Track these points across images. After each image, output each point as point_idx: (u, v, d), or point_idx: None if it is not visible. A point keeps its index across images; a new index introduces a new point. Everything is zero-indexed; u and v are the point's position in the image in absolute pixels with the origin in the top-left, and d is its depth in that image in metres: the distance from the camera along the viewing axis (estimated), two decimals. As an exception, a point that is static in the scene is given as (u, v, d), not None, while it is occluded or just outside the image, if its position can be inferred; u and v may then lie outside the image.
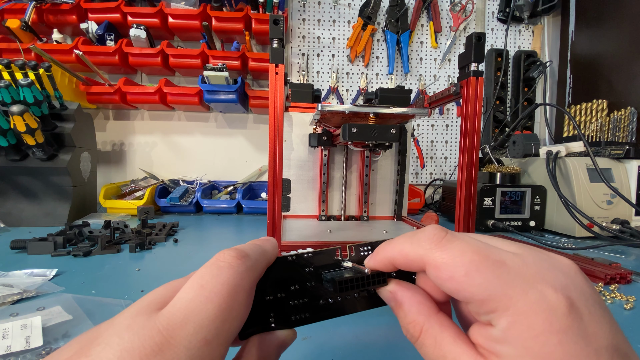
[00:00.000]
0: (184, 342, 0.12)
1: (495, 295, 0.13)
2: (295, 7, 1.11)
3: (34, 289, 0.40)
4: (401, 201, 0.64)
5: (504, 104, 1.15)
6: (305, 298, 0.19)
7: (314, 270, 0.20)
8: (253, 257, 0.17)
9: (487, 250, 0.14)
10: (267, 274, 0.19)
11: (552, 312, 0.12)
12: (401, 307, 0.17)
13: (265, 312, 0.18)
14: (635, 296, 0.42)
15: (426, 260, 0.15)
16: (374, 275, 0.19)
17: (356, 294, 0.20)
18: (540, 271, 0.13)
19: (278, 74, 0.41)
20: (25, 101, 0.70)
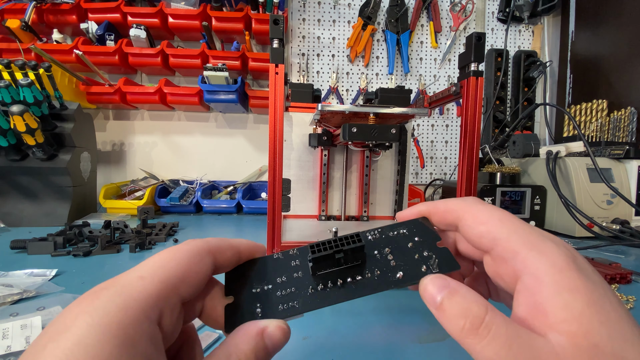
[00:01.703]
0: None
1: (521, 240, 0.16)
2: (295, 7, 1.11)
3: (34, 289, 0.40)
4: (401, 201, 0.64)
5: (504, 104, 1.15)
6: (292, 288, 0.19)
7: (301, 262, 0.20)
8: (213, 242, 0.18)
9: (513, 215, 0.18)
10: (254, 269, 0.20)
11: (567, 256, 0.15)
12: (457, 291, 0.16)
13: (251, 303, 0.19)
14: (635, 296, 0.42)
15: (468, 210, 0.18)
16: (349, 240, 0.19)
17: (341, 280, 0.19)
18: (551, 235, 0.17)
19: (278, 74, 0.41)
20: (25, 101, 0.70)
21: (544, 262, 0.15)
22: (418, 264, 0.19)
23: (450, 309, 0.15)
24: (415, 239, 0.20)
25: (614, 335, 0.13)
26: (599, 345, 0.13)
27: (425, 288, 0.17)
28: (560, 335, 0.13)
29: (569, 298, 0.14)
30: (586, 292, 0.14)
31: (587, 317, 0.13)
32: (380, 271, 0.19)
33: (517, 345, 0.13)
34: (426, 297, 0.17)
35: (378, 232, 0.21)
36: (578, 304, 0.13)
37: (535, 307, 0.14)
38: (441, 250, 0.19)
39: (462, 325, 0.15)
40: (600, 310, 0.13)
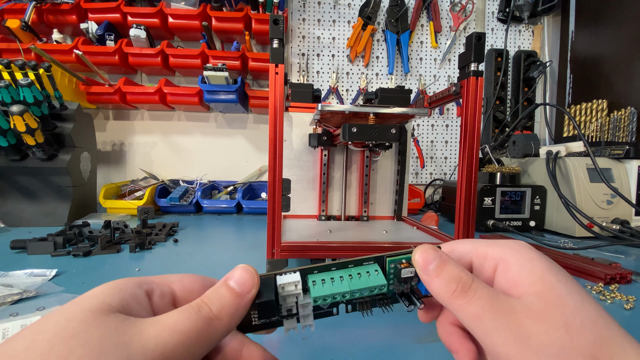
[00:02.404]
0: None
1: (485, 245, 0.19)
2: (295, 7, 1.11)
3: (34, 289, 0.40)
4: (401, 201, 0.64)
5: (504, 104, 1.15)
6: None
7: None
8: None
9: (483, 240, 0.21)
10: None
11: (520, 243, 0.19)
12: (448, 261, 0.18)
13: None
14: (635, 296, 0.42)
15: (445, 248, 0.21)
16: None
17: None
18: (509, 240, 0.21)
19: (278, 74, 0.41)
20: (25, 101, 0.70)
21: (505, 250, 0.19)
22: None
23: (443, 275, 0.18)
24: None
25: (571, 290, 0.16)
26: (562, 297, 0.16)
27: (419, 254, 0.19)
28: (530, 295, 0.16)
29: (529, 267, 0.17)
30: (541, 261, 0.17)
31: (548, 278, 0.17)
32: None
33: (498, 303, 0.16)
34: (419, 265, 0.19)
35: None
36: (538, 269, 0.17)
37: (510, 282, 0.17)
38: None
39: (454, 288, 0.17)
40: (555, 272, 0.17)
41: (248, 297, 0.18)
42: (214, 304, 0.17)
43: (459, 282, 0.17)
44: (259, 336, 0.21)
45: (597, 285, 0.44)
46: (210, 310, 0.17)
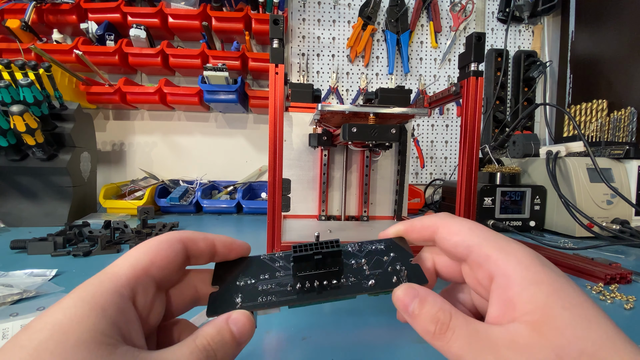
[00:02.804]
0: None
1: (491, 245, 0.18)
2: (295, 7, 1.11)
3: (34, 289, 0.40)
4: (401, 201, 0.64)
5: (504, 104, 1.15)
6: (273, 284, 0.21)
7: (284, 264, 0.22)
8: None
9: (482, 225, 0.20)
10: (241, 266, 0.22)
11: (531, 254, 0.17)
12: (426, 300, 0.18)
13: (233, 293, 0.20)
14: (635, 296, 0.42)
15: (441, 224, 0.20)
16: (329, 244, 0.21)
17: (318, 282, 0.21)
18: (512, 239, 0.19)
19: (278, 74, 0.41)
20: (25, 101, 0.70)
21: (512, 261, 0.17)
22: (390, 275, 0.21)
23: (421, 316, 0.17)
24: (390, 254, 0.22)
25: (576, 319, 0.15)
26: (560, 328, 0.14)
27: (397, 297, 0.19)
28: (521, 324, 0.15)
29: (534, 290, 0.16)
30: (549, 283, 0.16)
31: (551, 306, 0.15)
32: (355, 278, 0.21)
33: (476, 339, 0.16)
34: (399, 305, 0.19)
35: (358, 245, 0.23)
36: (542, 294, 0.15)
37: (507, 303, 0.16)
38: (413, 266, 0.22)
39: (432, 330, 0.17)
40: (563, 297, 0.15)
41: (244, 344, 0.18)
42: (219, 349, 0.17)
43: (437, 323, 0.17)
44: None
45: (597, 285, 0.44)
46: (215, 357, 0.17)
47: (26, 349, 0.13)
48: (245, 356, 0.28)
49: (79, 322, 0.14)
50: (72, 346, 0.13)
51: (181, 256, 0.20)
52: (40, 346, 0.13)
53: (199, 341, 0.17)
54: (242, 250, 0.23)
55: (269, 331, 0.32)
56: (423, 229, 0.22)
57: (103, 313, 0.15)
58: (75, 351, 0.13)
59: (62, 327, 0.13)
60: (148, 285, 0.18)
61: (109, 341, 0.14)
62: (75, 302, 0.15)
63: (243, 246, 0.23)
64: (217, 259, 0.22)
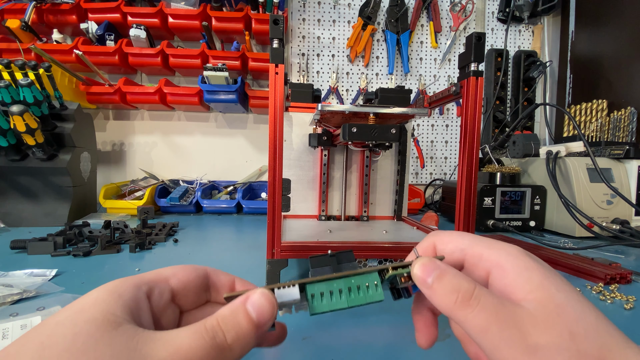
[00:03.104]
0: None
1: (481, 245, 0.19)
2: (295, 7, 1.11)
3: (34, 289, 0.40)
4: (401, 201, 0.64)
5: (504, 104, 1.15)
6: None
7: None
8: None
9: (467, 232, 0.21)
10: None
11: (517, 248, 0.18)
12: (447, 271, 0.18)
13: None
14: (635, 296, 0.42)
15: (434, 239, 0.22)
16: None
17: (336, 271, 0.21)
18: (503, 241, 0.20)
19: (278, 74, 0.41)
20: (25, 101, 0.70)
21: (502, 254, 0.18)
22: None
23: (442, 286, 0.17)
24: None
25: (570, 301, 0.16)
26: (561, 304, 0.16)
27: (417, 269, 0.18)
28: (530, 302, 0.16)
29: (527, 274, 0.17)
30: (539, 269, 0.17)
31: (546, 286, 0.16)
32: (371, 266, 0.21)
33: (503, 313, 0.16)
34: (418, 278, 0.18)
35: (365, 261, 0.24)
36: (536, 277, 0.17)
37: (506, 289, 0.17)
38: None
39: (454, 299, 0.16)
40: (553, 281, 0.17)
41: (264, 328, 0.17)
42: (229, 331, 0.16)
43: (460, 292, 0.16)
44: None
45: (597, 285, 0.44)
46: (225, 340, 0.16)
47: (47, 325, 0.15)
48: (246, 356, 0.28)
49: (95, 303, 0.15)
50: (83, 321, 0.15)
51: (202, 279, 0.21)
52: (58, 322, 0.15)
53: (208, 322, 0.16)
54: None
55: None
56: (425, 252, 0.22)
57: (118, 297, 0.16)
58: (83, 325, 0.14)
59: (82, 307, 0.15)
60: (164, 290, 0.19)
61: (115, 319, 0.15)
62: (99, 290, 0.16)
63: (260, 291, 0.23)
64: None
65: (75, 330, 0.14)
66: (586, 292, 0.44)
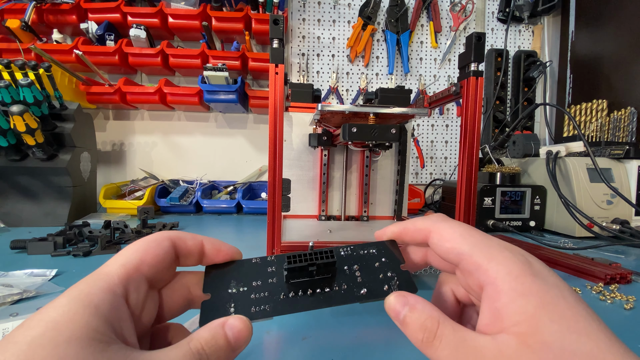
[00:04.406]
0: None
1: (482, 253, 0.18)
2: (295, 7, 1.11)
3: (34, 289, 0.40)
4: (401, 201, 0.64)
5: (504, 104, 1.15)
6: (266, 292, 0.21)
7: (277, 269, 0.22)
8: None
9: (475, 228, 0.20)
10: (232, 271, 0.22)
11: (522, 263, 0.17)
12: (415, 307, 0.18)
13: (226, 302, 0.20)
14: (635, 296, 0.42)
15: (433, 228, 0.20)
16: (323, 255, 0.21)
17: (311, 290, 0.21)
18: (509, 244, 0.19)
19: (278, 74, 0.41)
20: (25, 101, 0.70)
21: (501, 271, 0.17)
22: (381, 283, 0.21)
23: (411, 324, 0.18)
24: (382, 260, 0.23)
25: (565, 332, 0.14)
26: (547, 341, 0.14)
27: (389, 305, 0.19)
28: (509, 335, 0.15)
29: (522, 302, 0.15)
30: (539, 295, 0.16)
31: (538, 318, 0.15)
32: (347, 286, 0.21)
33: (463, 348, 0.16)
34: (390, 313, 0.19)
35: (350, 249, 0.23)
36: (530, 306, 0.15)
37: (495, 314, 0.16)
38: (403, 273, 0.22)
39: (421, 338, 0.17)
40: (552, 310, 0.15)
41: (241, 350, 0.18)
42: (212, 354, 0.17)
43: (425, 332, 0.17)
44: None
45: (597, 285, 0.44)
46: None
47: (19, 344, 0.13)
48: (246, 356, 0.28)
49: (72, 319, 0.14)
50: (65, 342, 0.13)
51: (170, 254, 0.20)
52: (33, 342, 0.13)
53: (193, 344, 0.17)
54: (232, 254, 0.22)
55: (269, 331, 0.32)
56: (416, 232, 0.22)
57: (96, 310, 0.15)
58: (67, 347, 0.13)
59: (56, 324, 0.14)
60: (140, 283, 0.18)
61: (101, 338, 0.14)
62: (68, 301, 0.15)
63: (232, 249, 0.22)
64: (206, 261, 0.22)
65: (60, 353, 0.13)
66: (586, 292, 0.44)
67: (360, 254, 0.23)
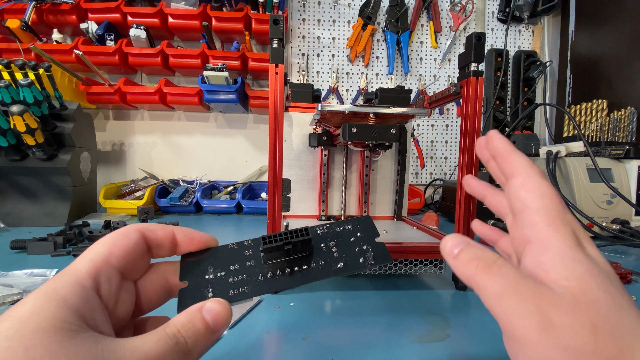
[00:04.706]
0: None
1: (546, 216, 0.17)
2: (295, 7, 1.11)
3: (34, 289, 0.40)
4: (401, 201, 0.64)
5: (504, 104, 1.15)
6: (244, 275, 0.21)
7: (254, 252, 0.22)
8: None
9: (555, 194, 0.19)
10: (209, 257, 0.21)
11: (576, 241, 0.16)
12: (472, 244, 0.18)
13: (204, 288, 0.20)
14: (635, 296, 0.42)
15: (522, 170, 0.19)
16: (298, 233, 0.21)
17: (289, 269, 0.21)
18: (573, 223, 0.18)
19: (278, 74, 0.41)
20: (25, 101, 0.70)
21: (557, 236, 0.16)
22: (357, 256, 0.22)
23: (466, 254, 0.17)
24: (357, 234, 0.23)
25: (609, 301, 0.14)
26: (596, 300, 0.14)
27: (445, 243, 0.18)
28: (561, 287, 0.15)
29: (571, 265, 0.15)
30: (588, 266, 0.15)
31: (587, 280, 0.15)
32: (324, 262, 0.22)
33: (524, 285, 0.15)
34: (445, 251, 0.18)
35: (326, 227, 0.24)
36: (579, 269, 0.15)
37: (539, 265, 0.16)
38: (378, 244, 0.22)
39: (475, 265, 0.16)
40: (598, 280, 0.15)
41: (220, 332, 0.18)
42: (190, 337, 0.17)
43: (482, 259, 0.16)
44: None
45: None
46: (186, 345, 0.17)
47: None
48: (246, 356, 0.28)
49: (38, 312, 0.14)
50: (31, 332, 0.13)
51: (140, 245, 0.20)
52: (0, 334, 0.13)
53: (169, 329, 0.17)
54: (205, 241, 0.22)
55: (269, 331, 0.32)
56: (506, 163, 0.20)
57: (64, 303, 0.15)
58: (32, 337, 0.13)
59: (22, 317, 0.14)
60: (110, 274, 0.18)
61: (70, 327, 0.14)
62: (36, 296, 0.15)
63: (206, 237, 0.22)
64: (180, 251, 0.22)
65: (25, 343, 0.13)
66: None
67: (336, 231, 0.23)
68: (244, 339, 0.31)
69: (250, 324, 0.33)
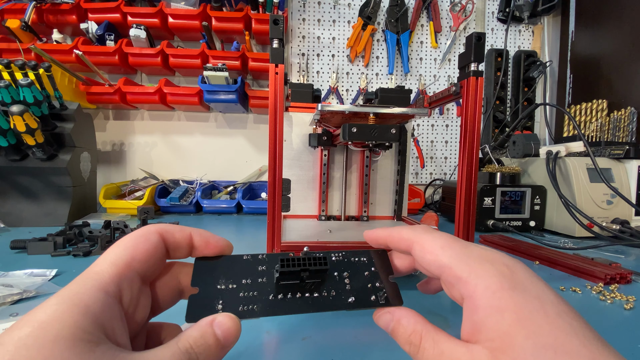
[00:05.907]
0: None
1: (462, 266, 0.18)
2: (295, 7, 1.11)
3: (34, 289, 0.40)
4: (401, 201, 0.64)
5: (504, 104, 1.15)
6: (255, 292, 0.21)
7: (267, 269, 0.22)
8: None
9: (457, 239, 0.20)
10: (222, 265, 0.21)
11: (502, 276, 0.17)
12: (400, 322, 0.20)
13: (214, 298, 0.20)
14: (635, 296, 0.42)
15: (415, 239, 0.21)
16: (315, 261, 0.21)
17: (300, 293, 0.21)
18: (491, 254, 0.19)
19: (278, 74, 0.41)
20: (25, 101, 0.70)
21: (480, 285, 0.17)
22: (369, 293, 0.22)
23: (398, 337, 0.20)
24: (372, 269, 0.23)
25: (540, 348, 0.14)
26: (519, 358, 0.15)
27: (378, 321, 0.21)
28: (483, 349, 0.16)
29: (497, 318, 0.16)
30: (515, 311, 0.16)
31: (512, 335, 0.15)
32: (336, 292, 0.22)
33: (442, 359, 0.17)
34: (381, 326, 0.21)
35: (342, 255, 0.24)
36: (505, 323, 0.16)
37: (474, 326, 0.17)
38: (391, 284, 0.23)
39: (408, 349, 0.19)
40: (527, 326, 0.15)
41: (230, 347, 0.18)
42: (201, 353, 0.17)
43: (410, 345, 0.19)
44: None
45: (597, 285, 0.44)
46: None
47: (5, 345, 0.13)
48: (246, 356, 0.28)
49: (60, 319, 0.14)
50: (51, 341, 0.13)
51: (160, 248, 0.19)
52: (19, 342, 0.13)
53: (181, 344, 0.17)
54: (221, 246, 0.22)
55: (269, 331, 0.32)
56: (400, 241, 0.22)
57: (86, 310, 0.14)
58: (52, 347, 0.13)
59: (42, 324, 0.13)
60: (133, 280, 0.18)
61: (90, 338, 0.14)
62: (57, 301, 0.14)
63: (221, 242, 0.22)
64: (195, 253, 0.22)
65: (44, 353, 0.12)
66: (586, 292, 0.44)
67: (351, 261, 0.23)
68: (244, 339, 0.31)
69: (251, 324, 0.33)
